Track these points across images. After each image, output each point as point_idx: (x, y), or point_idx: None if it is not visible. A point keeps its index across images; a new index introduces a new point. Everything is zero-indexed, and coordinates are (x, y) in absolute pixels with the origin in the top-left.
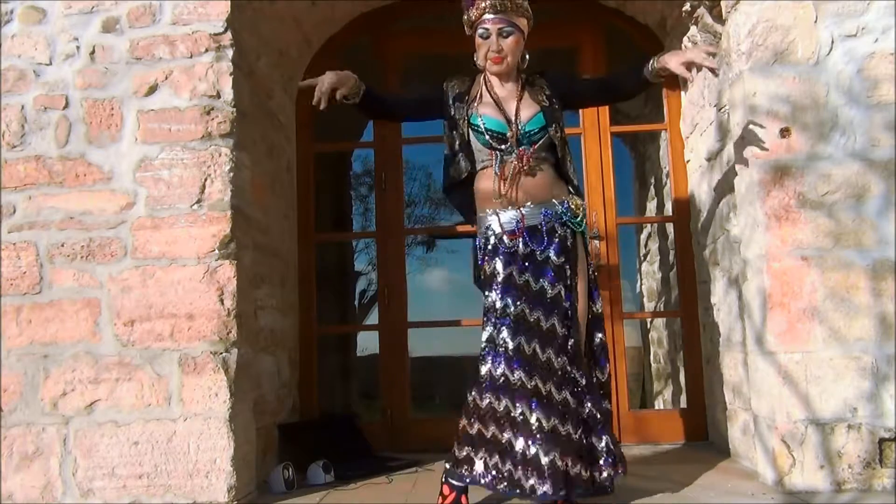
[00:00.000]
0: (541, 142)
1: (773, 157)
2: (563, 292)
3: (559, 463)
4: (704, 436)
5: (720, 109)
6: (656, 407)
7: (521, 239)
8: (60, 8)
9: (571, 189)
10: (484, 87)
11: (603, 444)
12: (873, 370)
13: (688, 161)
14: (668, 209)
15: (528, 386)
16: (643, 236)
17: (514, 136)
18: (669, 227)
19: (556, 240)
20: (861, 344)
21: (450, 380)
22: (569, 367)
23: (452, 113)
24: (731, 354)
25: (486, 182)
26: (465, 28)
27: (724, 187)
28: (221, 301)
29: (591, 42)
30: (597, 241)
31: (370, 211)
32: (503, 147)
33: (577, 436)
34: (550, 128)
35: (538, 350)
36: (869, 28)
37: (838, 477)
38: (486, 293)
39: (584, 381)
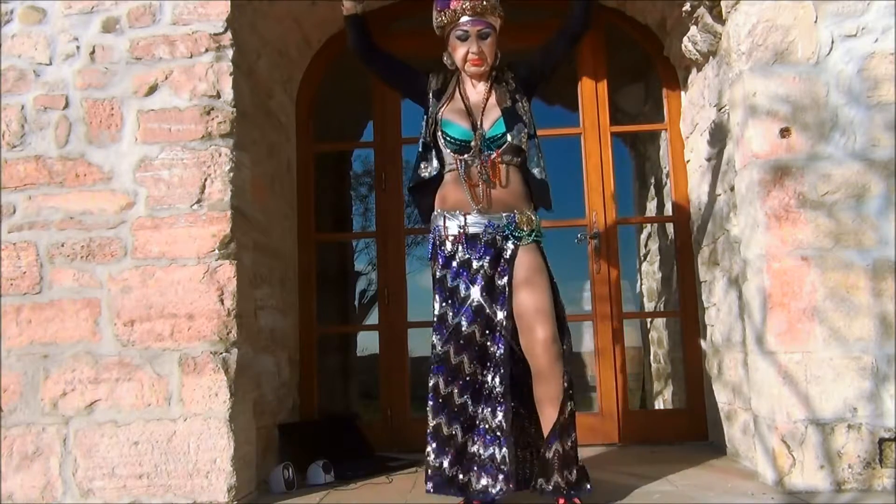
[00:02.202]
0: (504, 146)
1: (773, 157)
2: (488, 302)
3: (446, 466)
4: (704, 436)
5: (720, 109)
6: (656, 407)
7: (459, 245)
8: (60, 8)
9: (537, 187)
10: (458, 89)
11: (500, 454)
12: (873, 370)
13: (688, 161)
14: (668, 209)
15: (443, 392)
16: (643, 236)
17: (477, 145)
18: (669, 227)
19: (493, 251)
20: (861, 344)
21: None
22: (480, 375)
23: (430, 108)
24: (731, 354)
25: (449, 186)
26: (436, 29)
27: (724, 187)
28: (221, 301)
29: (591, 42)
30: (596, 241)
31: (370, 211)
32: (467, 155)
33: (464, 439)
34: (511, 130)
35: (451, 354)
36: (869, 28)
37: (838, 477)
38: (433, 294)
39: (500, 389)
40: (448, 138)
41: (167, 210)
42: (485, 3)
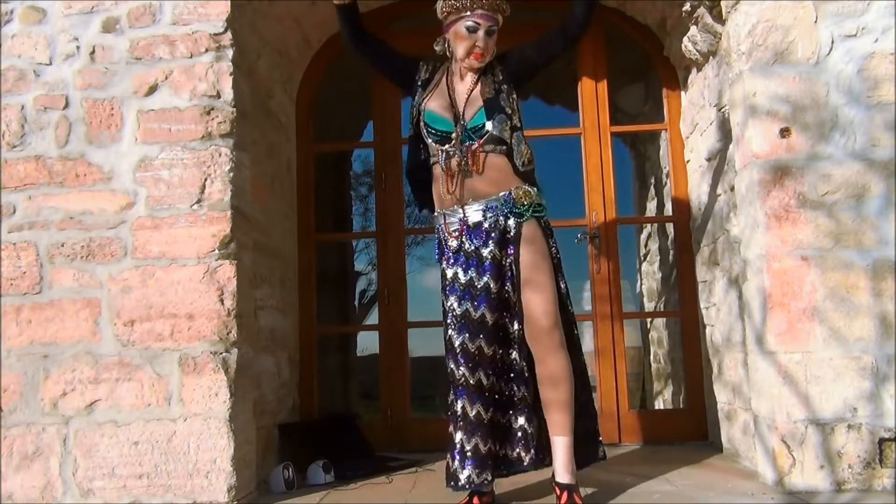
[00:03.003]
0: (485, 136)
1: (773, 157)
2: (504, 286)
3: (483, 448)
4: (704, 436)
5: (720, 109)
6: (656, 407)
7: (464, 237)
8: (60, 8)
9: (524, 179)
10: (445, 80)
11: (518, 424)
12: (873, 370)
13: (688, 161)
14: (668, 209)
15: (472, 381)
16: (643, 236)
17: (458, 135)
18: (669, 227)
19: (497, 233)
20: (861, 344)
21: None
22: (509, 358)
23: (416, 97)
24: (731, 354)
25: (437, 181)
26: (442, 13)
27: (724, 187)
28: (221, 301)
29: (591, 42)
30: (596, 241)
31: (370, 211)
32: (448, 146)
33: (504, 420)
34: (492, 120)
35: (483, 346)
36: (869, 28)
37: (838, 477)
38: (441, 293)
39: (525, 365)
40: (430, 130)
41: (167, 210)
42: (499, 0)
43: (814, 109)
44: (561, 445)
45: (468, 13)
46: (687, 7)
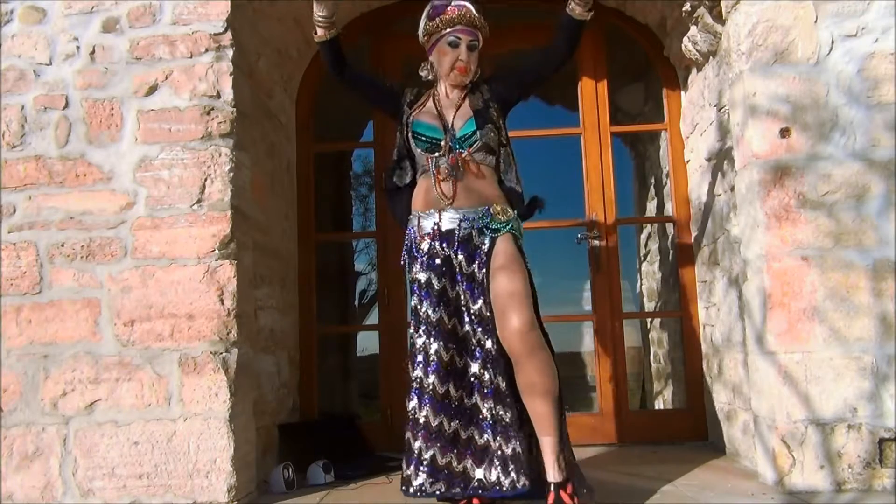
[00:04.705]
0: (475, 145)
1: (773, 157)
2: (475, 299)
3: (455, 463)
4: (704, 436)
5: (720, 109)
6: (656, 407)
7: (436, 242)
8: (60, 8)
9: (509, 194)
10: (432, 97)
11: (510, 449)
12: (873, 370)
13: (688, 161)
14: (668, 209)
15: (440, 391)
16: (643, 236)
17: (447, 143)
18: (669, 227)
19: (470, 248)
20: (861, 344)
21: None
22: (479, 371)
23: (402, 117)
24: (731, 354)
25: (422, 187)
26: (424, 34)
27: (724, 187)
28: (221, 301)
29: (592, 42)
30: (597, 241)
31: (370, 211)
32: (437, 153)
33: (470, 435)
34: (481, 129)
35: (455, 356)
36: (869, 28)
37: (838, 477)
38: (410, 296)
39: (500, 385)
40: (420, 137)
41: (167, 210)
42: (478, 17)
43: (814, 109)
44: (545, 445)
45: (448, 29)
46: (687, 7)
